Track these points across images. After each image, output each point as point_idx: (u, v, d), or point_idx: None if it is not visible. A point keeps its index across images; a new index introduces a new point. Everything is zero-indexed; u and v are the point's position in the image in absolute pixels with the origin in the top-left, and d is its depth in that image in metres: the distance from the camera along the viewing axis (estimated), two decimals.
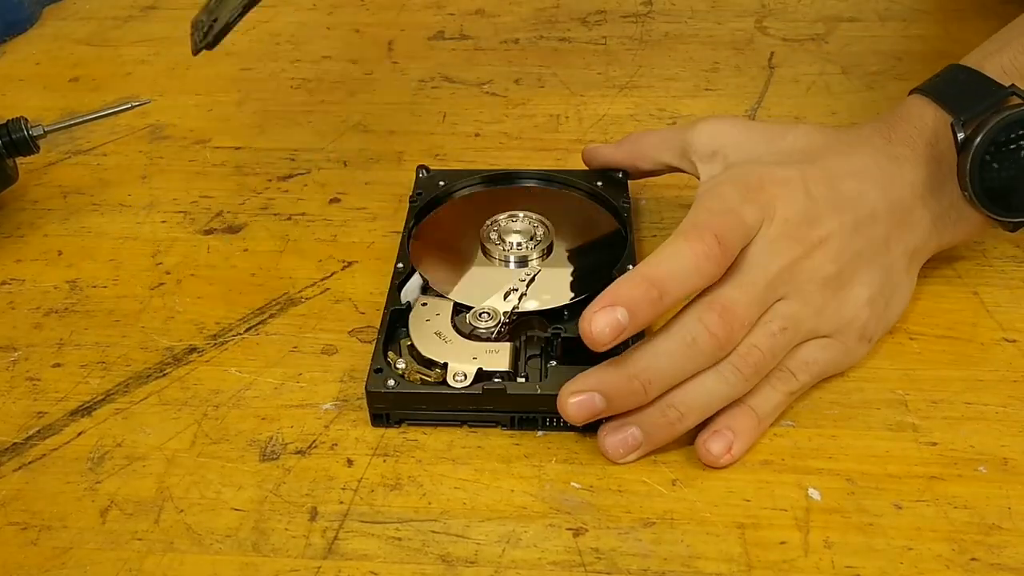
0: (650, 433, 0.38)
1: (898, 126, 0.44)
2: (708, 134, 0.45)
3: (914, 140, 0.43)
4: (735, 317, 0.38)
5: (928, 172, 0.43)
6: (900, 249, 0.43)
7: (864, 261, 0.41)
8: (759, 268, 0.39)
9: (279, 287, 0.49)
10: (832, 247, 0.40)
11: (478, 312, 0.42)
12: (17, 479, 0.40)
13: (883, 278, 0.42)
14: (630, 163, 0.50)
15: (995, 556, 0.35)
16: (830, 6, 0.74)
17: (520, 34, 0.72)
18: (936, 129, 0.43)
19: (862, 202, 0.41)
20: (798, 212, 0.40)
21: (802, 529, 0.37)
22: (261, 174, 0.58)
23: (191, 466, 0.40)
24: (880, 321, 0.43)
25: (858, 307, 0.41)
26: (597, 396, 0.37)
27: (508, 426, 0.41)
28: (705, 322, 0.37)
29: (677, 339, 0.37)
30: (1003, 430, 0.40)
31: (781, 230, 0.40)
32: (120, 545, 0.37)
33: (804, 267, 0.40)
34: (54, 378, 0.45)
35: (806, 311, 0.39)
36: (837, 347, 0.41)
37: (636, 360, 0.38)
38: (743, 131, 0.45)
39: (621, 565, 0.36)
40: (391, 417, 0.41)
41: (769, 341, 0.38)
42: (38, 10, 0.78)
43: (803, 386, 0.41)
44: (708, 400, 0.38)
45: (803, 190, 0.41)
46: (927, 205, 0.43)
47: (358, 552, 0.36)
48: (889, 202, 0.42)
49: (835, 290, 0.40)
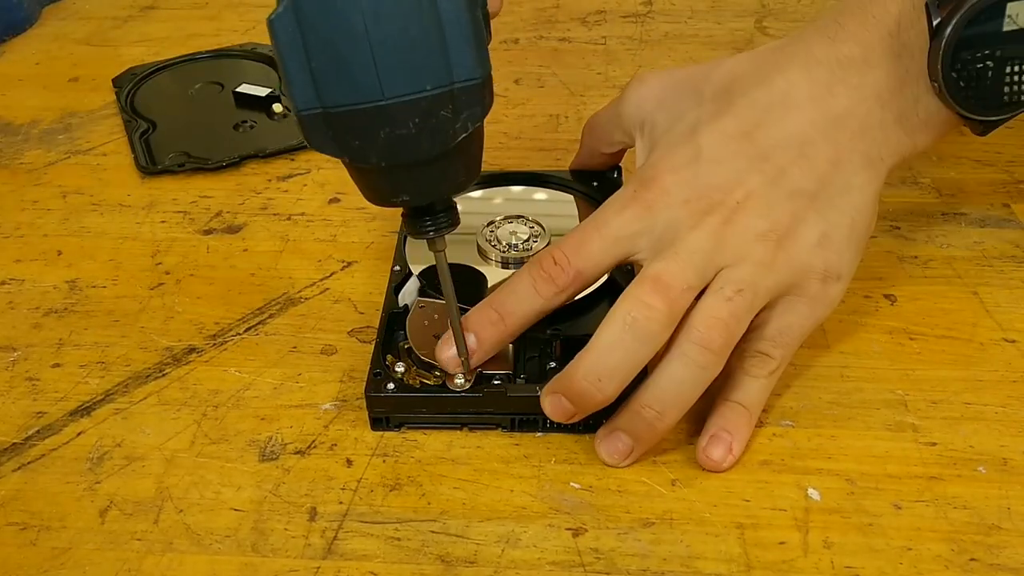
0: (636, 436, 0.38)
1: (853, 16, 0.40)
2: (634, 103, 0.44)
3: (868, 32, 0.40)
4: (669, 285, 0.36)
5: (886, 70, 0.40)
6: (855, 161, 0.40)
7: (803, 199, 0.39)
8: (679, 241, 0.38)
9: (278, 287, 0.49)
10: (754, 203, 0.38)
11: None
12: (16, 479, 0.40)
13: (833, 203, 0.39)
14: (595, 153, 0.49)
15: (994, 556, 0.35)
16: (830, 6, 0.74)
17: (520, 34, 0.72)
18: (900, 16, 0.39)
19: (787, 136, 0.39)
20: (699, 188, 0.39)
21: (801, 529, 0.36)
22: (261, 174, 0.58)
23: (190, 466, 0.40)
24: (844, 252, 0.40)
25: (808, 251, 0.39)
26: (562, 398, 0.38)
27: (508, 428, 0.41)
28: (640, 297, 0.36)
29: (616, 326, 0.36)
30: (1003, 430, 0.40)
31: (685, 211, 0.38)
32: (119, 545, 0.37)
33: (731, 231, 0.38)
34: (53, 378, 0.45)
35: (755, 269, 0.38)
36: (801, 303, 0.39)
37: (582, 360, 0.37)
38: (668, 88, 0.43)
39: (620, 565, 0.36)
40: (391, 421, 0.41)
41: (727, 307, 0.37)
42: (38, 10, 0.78)
43: (781, 361, 0.39)
44: (680, 388, 0.37)
45: (706, 161, 0.39)
46: (885, 104, 0.40)
47: (357, 552, 0.36)
48: (827, 117, 0.40)
49: (777, 241, 0.38)
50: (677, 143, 0.41)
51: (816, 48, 0.41)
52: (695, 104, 0.42)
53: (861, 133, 0.40)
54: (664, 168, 0.40)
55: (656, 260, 0.38)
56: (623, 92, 0.45)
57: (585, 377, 0.37)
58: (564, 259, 0.39)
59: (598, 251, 0.39)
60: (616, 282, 0.44)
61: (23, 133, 0.63)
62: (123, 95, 0.66)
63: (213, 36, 0.73)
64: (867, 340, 0.44)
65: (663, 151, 0.41)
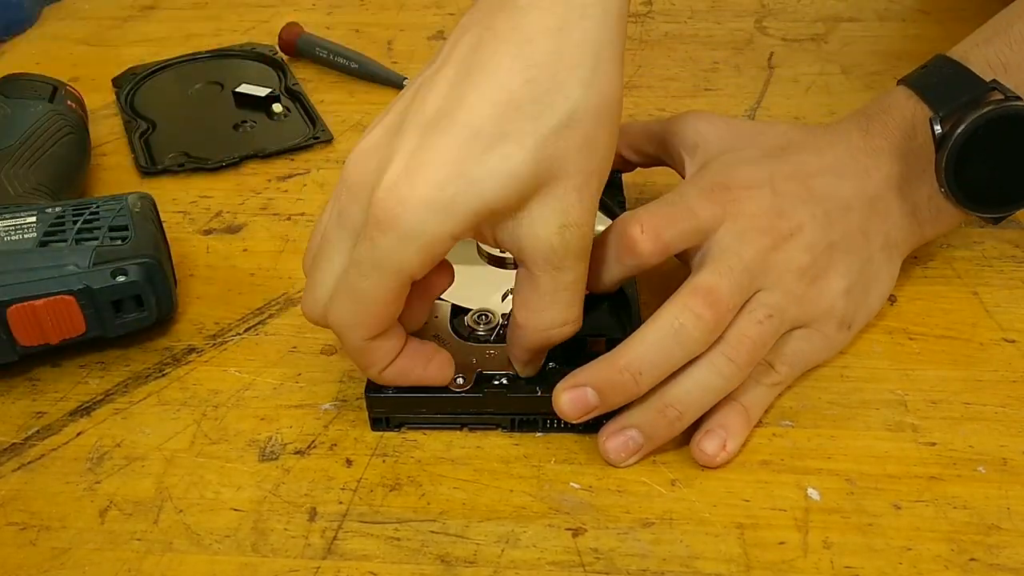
0: (650, 434, 0.38)
1: (877, 118, 0.44)
2: (692, 127, 0.46)
3: (892, 132, 0.43)
4: (719, 300, 0.38)
5: (905, 165, 0.43)
6: (879, 240, 0.43)
7: (840, 252, 0.41)
8: (733, 254, 0.39)
9: (278, 287, 0.49)
10: (804, 238, 0.41)
11: (475, 315, 0.42)
12: (16, 479, 0.40)
13: (860, 268, 0.42)
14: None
15: (994, 556, 0.35)
16: (830, 6, 0.74)
17: None
18: (914, 123, 0.43)
19: (835, 196, 0.42)
20: (764, 208, 0.41)
21: (801, 529, 0.36)
22: (261, 174, 0.58)
23: (190, 466, 0.40)
24: (859, 309, 0.43)
25: (835, 296, 0.41)
26: (589, 391, 0.37)
27: (508, 428, 0.41)
28: (691, 307, 0.37)
29: (664, 327, 0.37)
30: (1002, 430, 0.40)
31: (748, 223, 0.40)
32: (119, 545, 0.37)
33: (777, 258, 0.40)
34: (53, 378, 0.45)
35: (786, 300, 0.40)
36: (817, 336, 0.41)
37: (625, 352, 0.38)
38: (724, 126, 0.46)
39: (620, 565, 0.36)
40: (391, 421, 0.41)
41: (757, 329, 0.38)
42: (38, 10, 0.78)
43: (785, 378, 0.41)
44: (703, 394, 0.38)
45: (770, 188, 0.41)
46: (904, 196, 0.43)
47: (357, 552, 0.36)
48: (864, 194, 0.43)
49: (812, 279, 0.40)
50: (743, 166, 0.43)
51: (854, 136, 0.44)
52: (752, 147, 0.44)
53: (885, 216, 0.43)
54: (737, 180, 0.42)
55: (708, 270, 0.39)
56: (677, 116, 0.47)
57: (627, 368, 0.37)
58: (654, 232, 0.39)
59: (686, 232, 0.40)
60: None
61: None
62: (123, 95, 0.66)
63: (213, 36, 0.73)
64: (867, 340, 0.44)
65: (729, 167, 0.43)
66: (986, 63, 0.42)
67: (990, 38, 0.43)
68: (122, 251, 0.44)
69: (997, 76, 0.41)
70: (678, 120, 0.47)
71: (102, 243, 0.44)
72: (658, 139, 0.48)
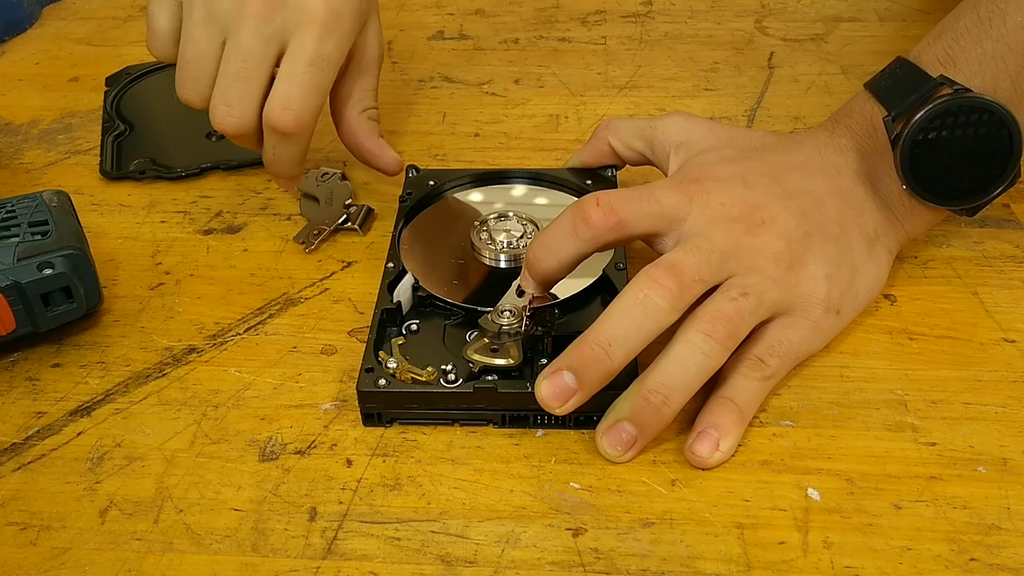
0: (641, 424, 0.38)
1: (842, 121, 0.46)
2: (678, 125, 0.48)
3: (855, 133, 0.45)
4: (683, 271, 0.39)
5: (870, 162, 0.44)
6: (856, 231, 0.43)
7: (816, 240, 0.42)
8: (702, 237, 0.40)
9: (278, 287, 0.49)
10: (778, 226, 0.41)
11: (500, 310, 0.42)
12: (16, 479, 0.40)
13: (840, 255, 0.42)
14: (604, 152, 0.51)
15: (994, 556, 0.35)
16: (830, 6, 0.74)
17: (520, 34, 0.72)
18: (873, 123, 0.44)
19: (807, 191, 0.43)
20: (735, 198, 0.42)
21: (801, 529, 0.37)
22: (261, 174, 0.58)
23: (190, 466, 0.40)
24: (845, 295, 0.43)
25: (816, 281, 0.41)
26: (566, 373, 0.38)
27: (500, 424, 0.41)
28: (655, 277, 0.38)
29: (629, 299, 0.38)
30: (1002, 430, 0.40)
31: (719, 211, 0.41)
32: (119, 545, 0.37)
33: (751, 244, 0.41)
34: (53, 378, 0.45)
35: (763, 282, 0.40)
36: (804, 324, 0.41)
37: (594, 328, 0.38)
38: (706, 127, 0.48)
39: (620, 565, 0.36)
40: (382, 416, 0.41)
41: (731, 305, 0.39)
42: (38, 10, 0.78)
43: (777, 371, 0.41)
44: (685, 374, 0.38)
45: (742, 181, 0.43)
46: (876, 191, 0.44)
47: (357, 552, 0.36)
48: (836, 188, 0.44)
49: (789, 265, 0.41)
50: (717, 163, 0.44)
51: (822, 137, 0.46)
52: (730, 147, 0.46)
53: (860, 210, 0.44)
54: (709, 175, 0.43)
55: (676, 250, 0.40)
56: (664, 116, 0.49)
57: (596, 342, 0.38)
58: (609, 206, 0.40)
59: (644, 213, 0.41)
60: (609, 280, 0.44)
61: (23, 133, 0.63)
62: (111, 95, 0.65)
63: None
64: (867, 340, 0.44)
65: (704, 164, 0.45)
66: (936, 60, 0.43)
67: (939, 35, 0.44)
68: (45, 245, 0.44)
69: (947, 71, 0.42)
70: (665, 119, 0.48)
71: (23, 239, 0.44)
72: (646, 137, 0.49)
